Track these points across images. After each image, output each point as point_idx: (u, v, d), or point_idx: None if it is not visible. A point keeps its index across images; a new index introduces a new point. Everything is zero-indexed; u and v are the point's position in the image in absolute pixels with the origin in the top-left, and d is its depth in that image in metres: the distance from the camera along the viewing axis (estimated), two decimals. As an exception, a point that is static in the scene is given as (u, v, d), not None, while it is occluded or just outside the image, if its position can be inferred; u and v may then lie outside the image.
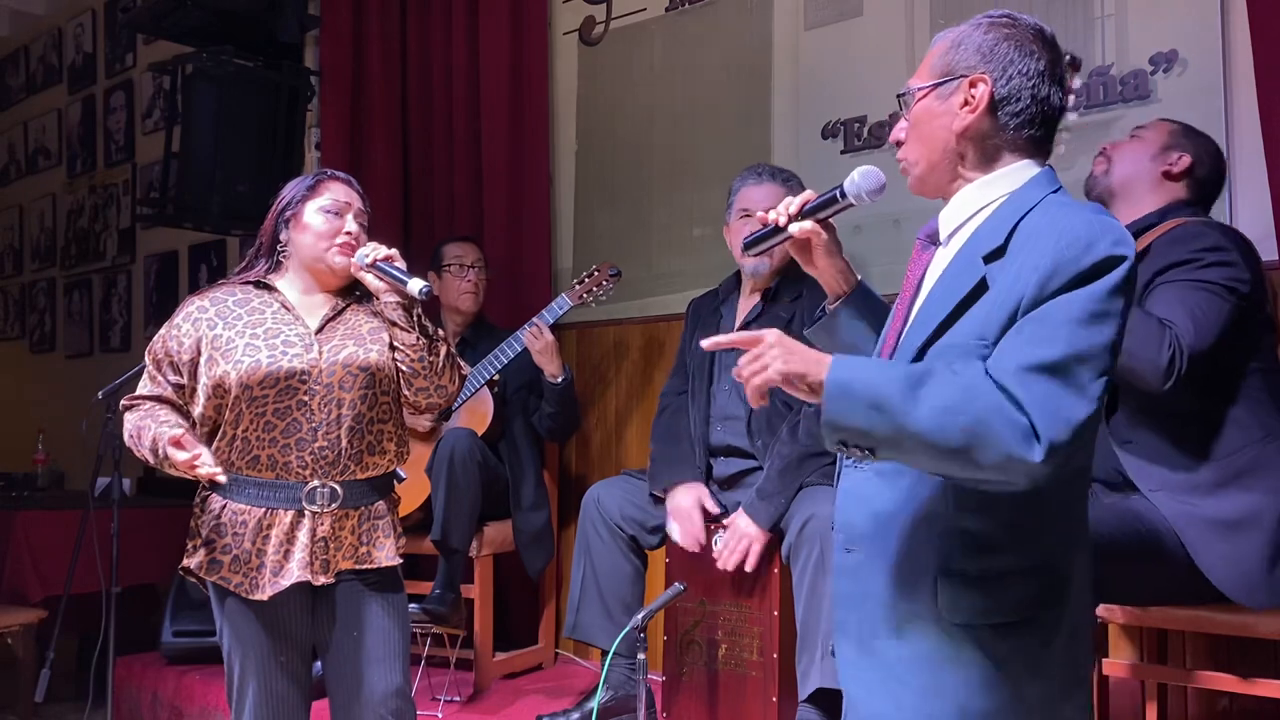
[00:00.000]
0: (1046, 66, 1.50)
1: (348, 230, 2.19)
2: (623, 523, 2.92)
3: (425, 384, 2.17)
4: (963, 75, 1.51)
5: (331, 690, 2.18)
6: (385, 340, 2.18)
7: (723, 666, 2.73)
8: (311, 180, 2.23)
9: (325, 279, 2.22)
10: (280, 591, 2.07)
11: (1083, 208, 1.43)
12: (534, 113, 3.99)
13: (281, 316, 2.16)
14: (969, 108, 1.50)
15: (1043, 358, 1.31)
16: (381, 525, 2.18)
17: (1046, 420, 1.28)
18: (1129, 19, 2.84)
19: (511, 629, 3.68)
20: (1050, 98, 1.51)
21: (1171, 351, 1.98)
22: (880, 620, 1.47)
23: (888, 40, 3.25)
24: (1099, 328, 1.33)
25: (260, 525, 2.09)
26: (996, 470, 1.31)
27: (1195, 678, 2.30)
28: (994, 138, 1.51)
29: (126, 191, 6.02)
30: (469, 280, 3.57)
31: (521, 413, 3.53)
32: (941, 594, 1.42)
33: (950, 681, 1.41)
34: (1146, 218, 2.23)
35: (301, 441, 2.08)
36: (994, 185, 1.51)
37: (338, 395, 2.10)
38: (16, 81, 6.98)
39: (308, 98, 4.37)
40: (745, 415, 2.84)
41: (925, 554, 1.43)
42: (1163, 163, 2.26)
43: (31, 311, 6.83)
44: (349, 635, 2.14)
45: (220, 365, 2.08)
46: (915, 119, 1.56)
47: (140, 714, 3.65)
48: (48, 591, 3.90)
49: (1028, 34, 1.51)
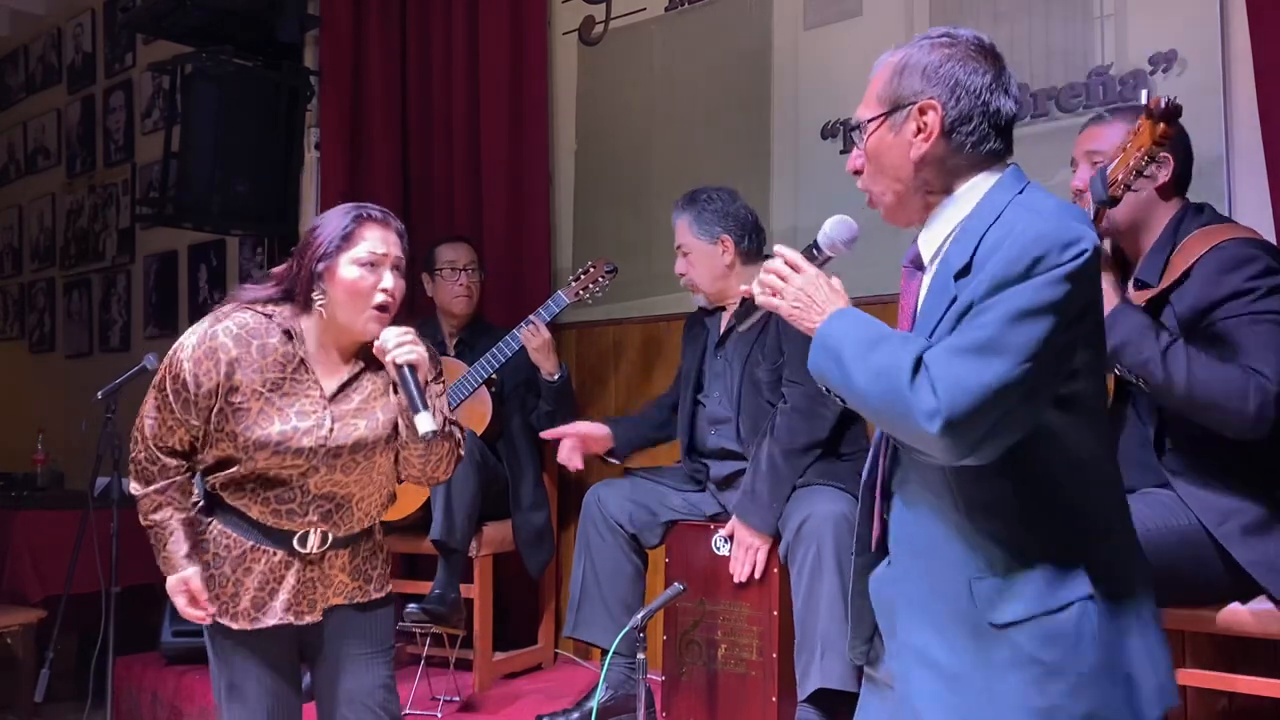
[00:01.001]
0: (993, 79, 1.50)
1: (384, 288, 2.04)
2: (624, 522, 2.92)
3: (417, 474, 2.14)
4: (911, 103, 1.50)
5: (318, 688, 2.17)
6: (395, 418, 2.10)
7: (722, 666, 2.73)
8: (349, 225, 2.05)
9: (350, 338, 2.10)
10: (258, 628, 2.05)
11: (1041, 209, 1.43)
12: (533, 112, 3.99)
13: (300, 376, 2.06)
14: (922, 135, 1.50)
15: (964, 343, 1.38)
16: (373, 560, 2.17)
17: (948, 396, 1.35)
18: (1128, 19, 2.84)
19: (511, 629, 3.68)
20: (1001, 109, 1.51)
21: (1259, 400, 1.96)
22: (930, 630, 1.50)
23: (887, 40, 3.20)
24: (1031, 322, 1.36)
25: (244, 556, 2.06)
26: (911, 440, 1.42)
27: (1195, 677, 2.30)
28: (953, 159, 1.51)
29: (126, 191, 6.02)
30: (461, 284, 3.56)
31: (520, 411, 3.52)
32: (977, 597, 1.45)
33: (1010, 683, 1.43)
34: (1162, 239, 2.20)
35: (292, 512, 2.05)
36: (961, 203, 1.52)
37: (338, 477, 2.07)
38: (16, 81, 6.98)
39: (307, 97, 4.37)
40: (734, 419, 2.86)
41: (958, 567, 1.47)
42: (1152, 180, 2.23)
43: (31, 311, 6.82)
44: (330, 645, 2.13)
45: (230, 424, 2.01)
46: (871, 151, 1.56)
47: (140, 714, 3.65)
48: (47, 591, 3.90)
49: (970, 50, 1.51)
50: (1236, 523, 2.05)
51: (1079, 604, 1.42)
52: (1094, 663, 1.42)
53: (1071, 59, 2.92)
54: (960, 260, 1.46)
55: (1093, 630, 1.42)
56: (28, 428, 5.78)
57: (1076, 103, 2.88)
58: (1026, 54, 2.99)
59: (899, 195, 1.56)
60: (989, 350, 1.36)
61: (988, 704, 1.44)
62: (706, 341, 3.02)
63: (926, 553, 1.51)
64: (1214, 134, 2.66)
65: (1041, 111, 2.95)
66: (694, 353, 3.05)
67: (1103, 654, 1.43)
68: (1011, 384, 1.35)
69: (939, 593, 1.49)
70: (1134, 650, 1.45)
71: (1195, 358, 2.00)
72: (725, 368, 2.93)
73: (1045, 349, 1.36)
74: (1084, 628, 1.42)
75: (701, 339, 3.04)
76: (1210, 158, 2.65)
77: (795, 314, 1.56)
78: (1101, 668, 1.43)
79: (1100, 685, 1.42)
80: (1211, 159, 2.65)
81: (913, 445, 1.44)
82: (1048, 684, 1.42)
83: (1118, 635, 1.45)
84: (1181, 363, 1.99)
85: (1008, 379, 1.35)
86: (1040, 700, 1.42)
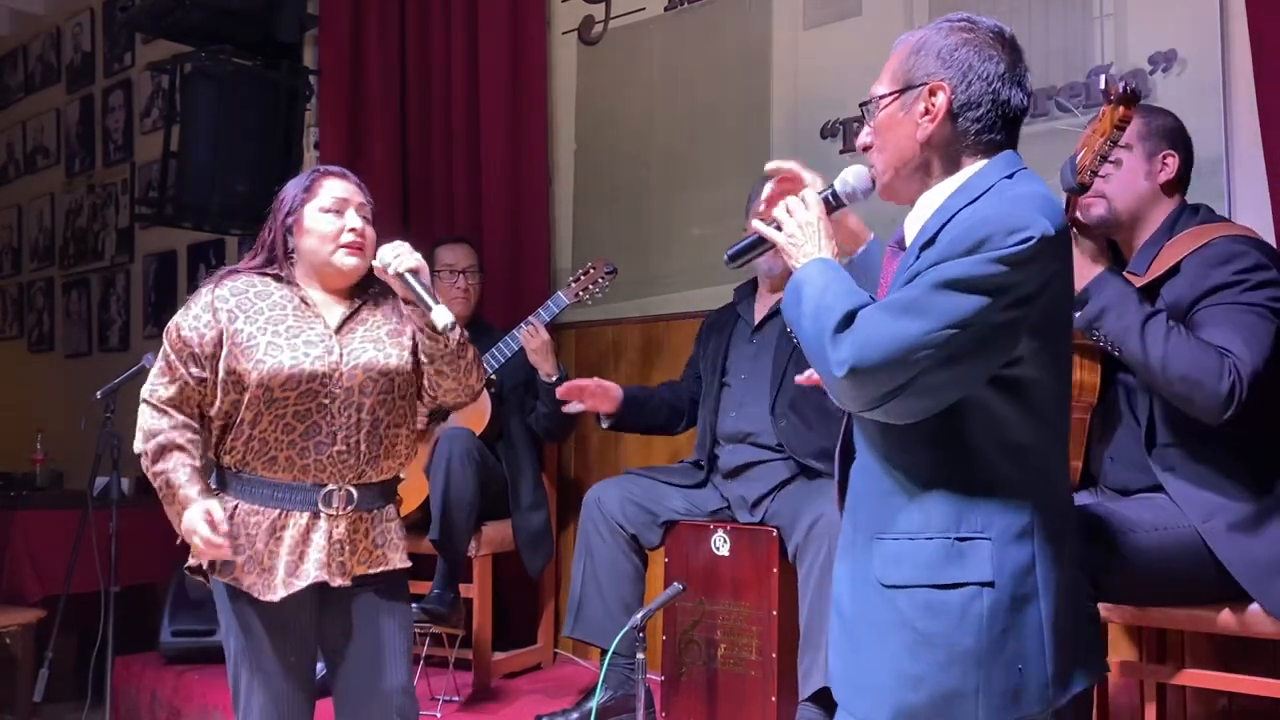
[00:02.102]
0: (1006, 69, 1.52)
1: (351, 228, 2.15)
2: (624, 522, 2.92)
3: (454, 384, 2.17)
4: (923, 83, 1.53)
5: (337, 689, 2.18)
6: (404, 343, 2.16)
7: (722, 666, 2.74)
8: (307, 180, 2.19)
9: (335, 280, 2.18)
10: (293, 593, 2.06)
11: (1012, 197, 1.45)
12: (533, 112, 3.99)
13: (302, 312, 2.13)
14: (929, 116, 1.53)
15: (890, 302, 1.44)
16: (394, 528, 2.19)
17: (861, 344, 1.41)
18: (1128, 18, 2.84)
19: (510, 629, 3.68)
20: (1011, 100, 1.53)
21: (1231, 380, 1.96)
22: (846, 579, 1.58)
23: (887, 39, 3.18)
24: (957, 293, 1.39)
25: (274, 526, 2.07)
26: (826, 383, 1.48)
27: (1195, 677, 2.30)
28: (956, 144, 1.54)
29: (125, 191, 6.02)
30: (459, 286, 3.55)
31: (519, 412, 3.52)
32: (876, 555, 1.51)
33: (889, 644, 1.48)
34: (1157, 235, 2.21)
35: (320, 444, 2.07)
36: (950, 186, 1.54)
37: (357, 400, 2.09)
38: (15, 81, 6.97)
39: (306, 97, 4.36)
40: (770, 397, 2.86)
41: (872, 523, 1.53)
42: (1157, 177, 2.24)
43: (30, 311, 6.82)
44: (357, 637, 2.14)
45: (240, 363, 2.05)
46: (879, 126, 1.59)
47: (139, 713, 3.65)
48: (46, 591, 3.90)
49: (987, 37, 1.53)
50: (1222, 520, 2.05)
51: (973, 588, 1.44)
52: (974, 645, 1.43)
53: (1071, 58, 2.92)
54: (929, 233, 1.49)
55: (980, 615, 1.43)
56: (27, 427, 5.78)
57: (1076, 102, 2.88)
58: (1026, 53, 2.98)
59: (898, 172, 1.58)
60: (910, 310, 1.40)
61: (869, 659, 1.50)
62: (734, 330, 3.06)
63: (856, 506, 1.58)
64: (1214, 134, 2.66)
65: (1041, 111, 2.95)
66: (719, 341, 3.08)
67: (989, 640, 1.43)
68: (925, 345, 1.38)
69: (856, 544, 1.55)
70: (1029, 646, 1.45)
71: (1174, 332, 2.00)
72: (758, 350, 2.95)
73: (971, 321, 1.38)
74: (970, 611, 1.43)
75: (728, 328, 3.08)
76: (1210, 158, 2.65)
77: (788, 246, 1.61)
78: (984, 652, 1.43)
79: (977, 668, 1.43)
80: (1211, 159, 2.65)
81: (828, 389, 1.49)
82: (920, 651, 1.45)
83: (1015, 628, 1.44)
84: (1160, 334, 2.00)
85: (922, 340, 1.38)
86: (911, 666, 1.45)
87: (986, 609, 1.43)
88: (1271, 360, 2.02)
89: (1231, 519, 2.05)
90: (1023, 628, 1.44)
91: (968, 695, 1.43)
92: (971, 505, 1.46)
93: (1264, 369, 2.00)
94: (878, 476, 1.54)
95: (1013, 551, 1.45)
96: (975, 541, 1.45)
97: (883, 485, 1.52)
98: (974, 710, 1.43)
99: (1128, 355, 2.05)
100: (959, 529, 1.45)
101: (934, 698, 1.44)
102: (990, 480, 1.47)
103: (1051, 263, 1.44)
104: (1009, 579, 1.44)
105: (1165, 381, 2.01)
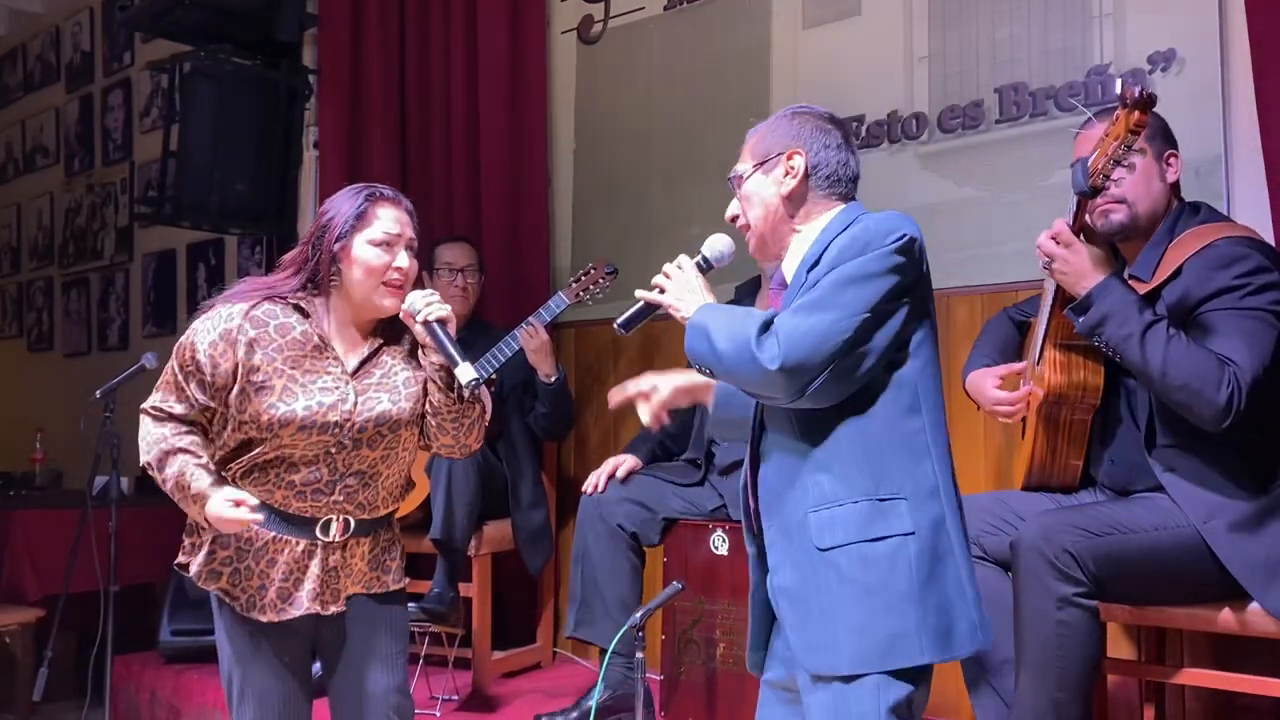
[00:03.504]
0: (842, 140, 1.85)
1: (397, 266, 2.07)
2: (623, 521, 2.92)
3: (451, 440, 2.14)
4: (780, 152, 1.84)
5: (332, 689, 2.17)
6: (416, 393, 2.12)
7: (721, 665, 2.74)
8: (360, 205, 2.07)
9: (367, 314, 2.12)
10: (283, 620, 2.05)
11: (882, 215, 1.73)
12: (532, 111, 3.98)
13: (321, 353, 2.08)
14: (791, 175, 1.83)
15: (800, 304, 1.68)
16: (392, 551, 2.18)
17: (787, 342, 1.64)
18: (1127, 18, 2.84)
19: (510, 628, 3.68)
20: (849, 162, 1.85)
21: (1230, 389, 1.97)
22: (787, 565, 1.73)
23: (886, 39, 3.25)
24: (855, 286, 1.66)
25: (267, 547, 2.06)
26: (759, 385, 1.68)
27: (1194, 676, 2.30)
28: (814, 194, 1.84)
29: (124, 190, 6.02)
30: (458, 285, 3.55)
31: (519, 412, 3.53)
32: (812, 527, 1.69)
33: (835, 599, 1.66)
34: (1158, 236, 2.21)
35: (318, 492, 2.06)
36: (815, 229, 1.82)
37: (364, 452, 2.07)
38: (14, 80, 6.97)
39: (306, 96, 4.37)
40: None
41: (802, 504, 1.71)
42: (1167, 177, 2.24)
43: (29, 310, 6.82)
44: (352, 638, 2.13)
45: (253, 403, 2.01)
46: (746, 195, 1.88)
47: (138, 713, 3.66)
48: (46, 590, 3.90)
49: (823, 118, 1.86)
50: (1222, 520, 2.06)
51: (898, 539, 1.65)
52: (907, 587, 1.64)
53: (1070, 58, 2.92)
54: (813, 258, 1.75)
55: (908, 560, 1.65)
56: (26, 427, 5.78)
57: (1075, 102, 2.88)
58: (1026, 53, 2.99)
59: (768, 227, 1.85)
60: (820, 307, 1.65)
61: (819, 620, 1.67)
62: None
63: (781, 498, 1.75)
64: (1213, 134, 2.67)
65: (1040, 111, 2.95)
66: None
67: (919, 582, 1.64)
68: (837, 333, 1.63)
69: (789, 530, 1.73)
70: (951, 588, 1.67)
71: (1175, 339, 2.01)
72: None
73: (874, 307, 1.65)
74: (899, 557, 1.65)
75: None
76: (1209, 157, 2.65)
77: (675, 303, 1.86)
78: (916, 593, 1.63)
79: (914, 607, 1.63)
80: (1210, 159, 2.66)
81: (760, 391, 1.72)
82: (864, 600, 1.64)
83: (937, 577, 1.65)
84: (1160, 341, 2.00)
85: (834, 328, 1.63)
86: (858, 615, 1.64)
87: (913, 555, 1.65)
88: (1272, 364, 2.03)
89: (1232, 519, 2.05)
90: (944, 576, 1.66)
91: (910, 634, 1.63)
92: (885, 471, 1.68)
93: (1264, 374, 2.01)
94: (796, 465, 1.73)
95: (927, 507, 1.68)
96: (894, 501, 1.67)
97: (802, 471, 1.72)
98: (918, 646, 1.63)
99: (1128, 362, 2.05)
100: (879, 491, 1.67)
101: (881, 640, 1.63)
102: (899, 449, 1.69)
103: (920, 260, 1.72)
104: (927, 530, 1.66)
105: (1165, 389, 2.02)
